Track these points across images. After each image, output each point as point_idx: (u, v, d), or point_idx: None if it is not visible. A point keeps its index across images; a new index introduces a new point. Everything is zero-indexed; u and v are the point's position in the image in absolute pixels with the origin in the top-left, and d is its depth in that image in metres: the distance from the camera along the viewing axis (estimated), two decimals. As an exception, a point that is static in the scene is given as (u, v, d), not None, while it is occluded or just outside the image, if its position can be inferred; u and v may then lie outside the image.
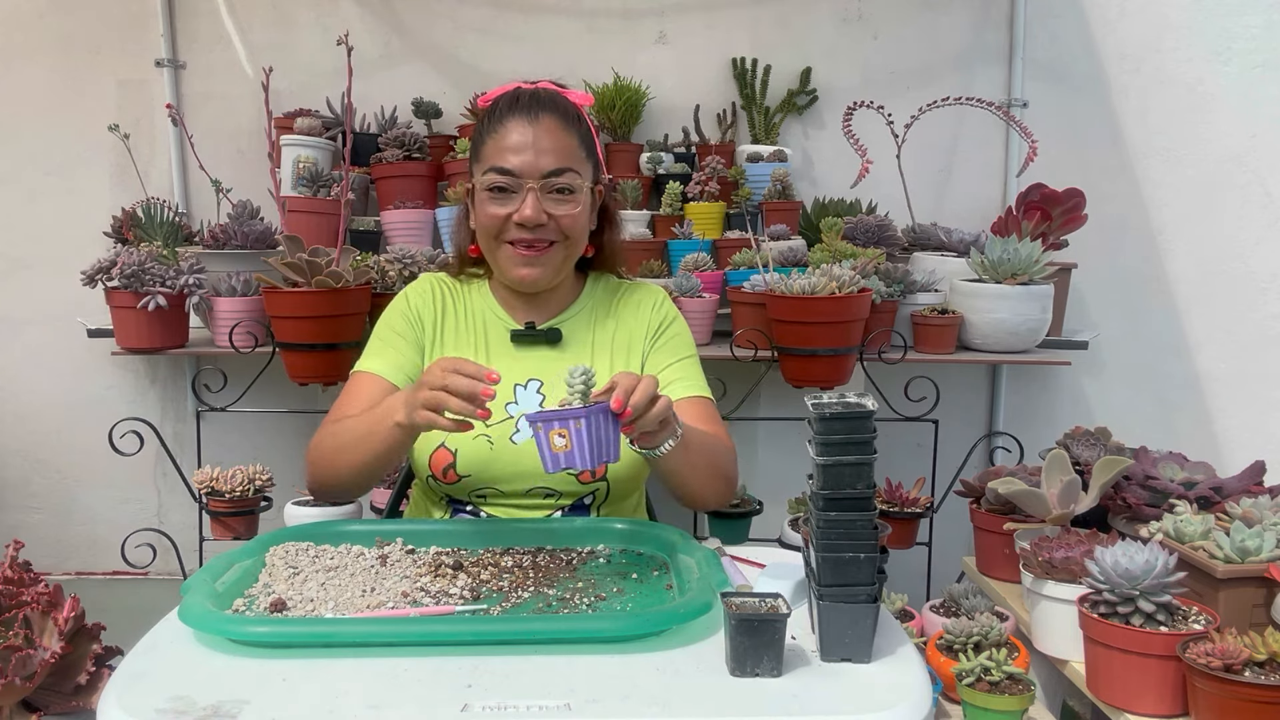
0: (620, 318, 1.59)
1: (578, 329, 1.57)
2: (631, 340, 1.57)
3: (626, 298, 1.62)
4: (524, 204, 1.44)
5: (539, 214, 1.44)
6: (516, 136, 1.45)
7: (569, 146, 1.47)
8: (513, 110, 1.46)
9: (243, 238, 2.28)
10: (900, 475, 2.22)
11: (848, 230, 2.34)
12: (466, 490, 1.48)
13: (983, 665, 1.37)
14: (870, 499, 1.04)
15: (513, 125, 1.45)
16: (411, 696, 0.93)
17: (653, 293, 1.64)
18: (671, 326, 1.60)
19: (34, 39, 2.54)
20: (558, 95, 1.50)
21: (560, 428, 1.15)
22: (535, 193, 1.44)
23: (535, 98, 1.47)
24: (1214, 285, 2.58)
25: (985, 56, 2.57)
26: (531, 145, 1.44)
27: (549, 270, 1.49)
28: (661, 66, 2.57)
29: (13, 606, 1.22)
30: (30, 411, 2.63)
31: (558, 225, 1.46)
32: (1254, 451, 2.01)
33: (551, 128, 1.45)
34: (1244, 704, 1.18)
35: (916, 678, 1.00)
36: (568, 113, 1.48)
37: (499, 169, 1.45)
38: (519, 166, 1.44)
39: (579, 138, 1.49)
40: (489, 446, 1.46)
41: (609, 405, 1.18)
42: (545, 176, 1.44)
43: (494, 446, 1.46)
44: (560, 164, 1.45)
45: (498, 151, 1.45)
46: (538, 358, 1.54)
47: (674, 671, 0.99)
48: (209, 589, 1.12)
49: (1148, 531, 1.56)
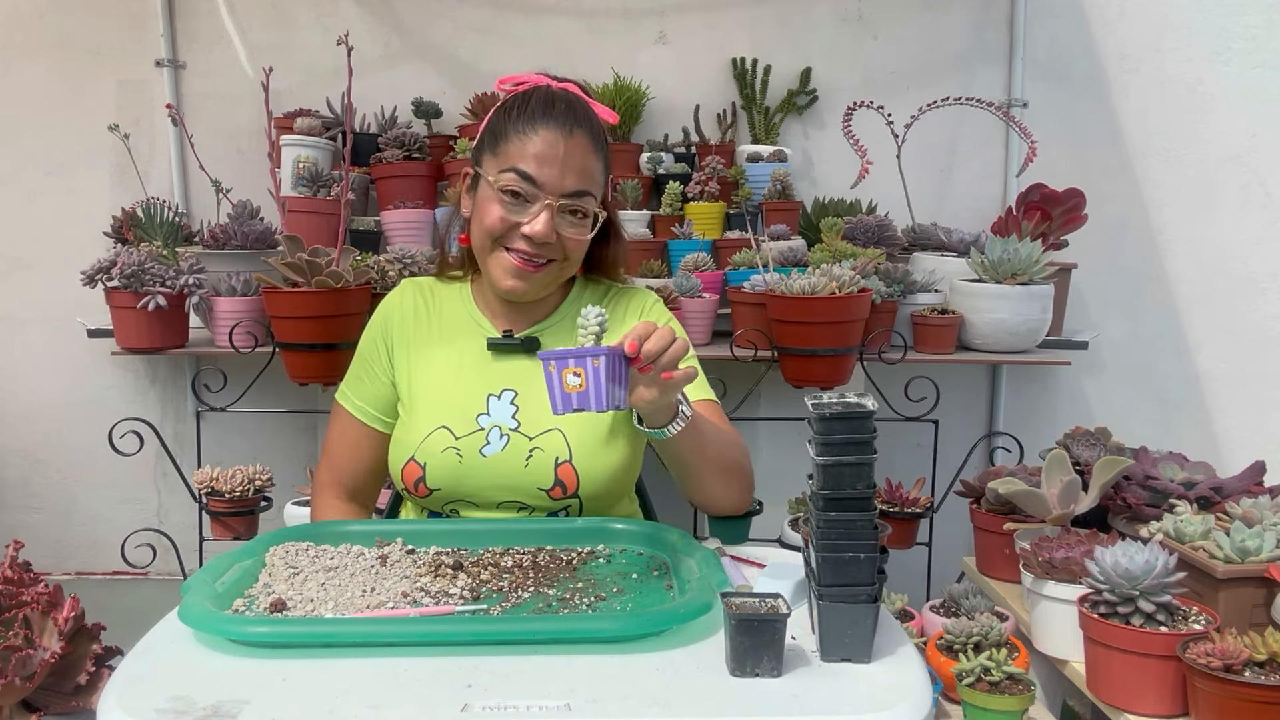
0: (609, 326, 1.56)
1: (558, 337, 1.52)
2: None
3: (614, 305, 1.56)
4: (537, 219, 1.38)
5: (550, 232, 1.38)
6: (546, 146, 1.37)
7: (593, 169, 1.41)
8: (548, 115, 1.38)
9: (243, 238, 2.28)
10: (900, 475, 2.22)
11: (848, 230, 2.34)
12: (439, 503, 1.46)
13: (983, 665, 1.37)
14: (870, 499, 1.04)
15: (545, 132, 1.37)
16: (411, 696, 0.93)
17: (641, 297, 1.58)
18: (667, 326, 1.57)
19: (34, 39, 2.54)
20: (590, 110, 1.43)
21: (576, 366, 1.11)
22: (552, 209, 1.38)
23: (571, 108, 1.40)
24: (1214, 285, 2.58)
25: (985, 56, 2.57)
26: (560, 159, 1.37)
27: (538, 286, 1.45)
28: (661, 66, 2.57)
29: (13, 606, 1.22)
30: (30, 411, 2.63)
31: (562, 245, 1.41)
32: (1254, 451, 2.01)
33: (583, 146, 1.39)
34: (1244, 704, 1.18)
35: (916, 678, 1.00)
36: (598, 133, 1.42)
37: (521, 173, 1.37)
38: (543, 178, 1.37)
39: (603, 161, 1.44)
40: (458, 460, 1.42)
41: (624, 349, 1.16)
42: (565, 196, 1.38)
43: (463, 460, 1.42)
44: (582, 185, 1.39)
45: (523, 154, 1.38)
46: (513, 367, 1.49)
47: (674, 671, 0.99)
48: (209, 589, 1.12)
49: (1148, 531, 1.56)
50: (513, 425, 1.44)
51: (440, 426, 1.45)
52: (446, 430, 1.44)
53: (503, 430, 1.44)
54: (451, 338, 1.53)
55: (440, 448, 1.43)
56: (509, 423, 1.45)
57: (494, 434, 1.44)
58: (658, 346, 1.18)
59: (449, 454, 1.43)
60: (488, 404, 1.46)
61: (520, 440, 1.43)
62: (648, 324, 1.20)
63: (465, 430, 1.44)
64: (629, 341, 1.16)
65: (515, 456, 1.43)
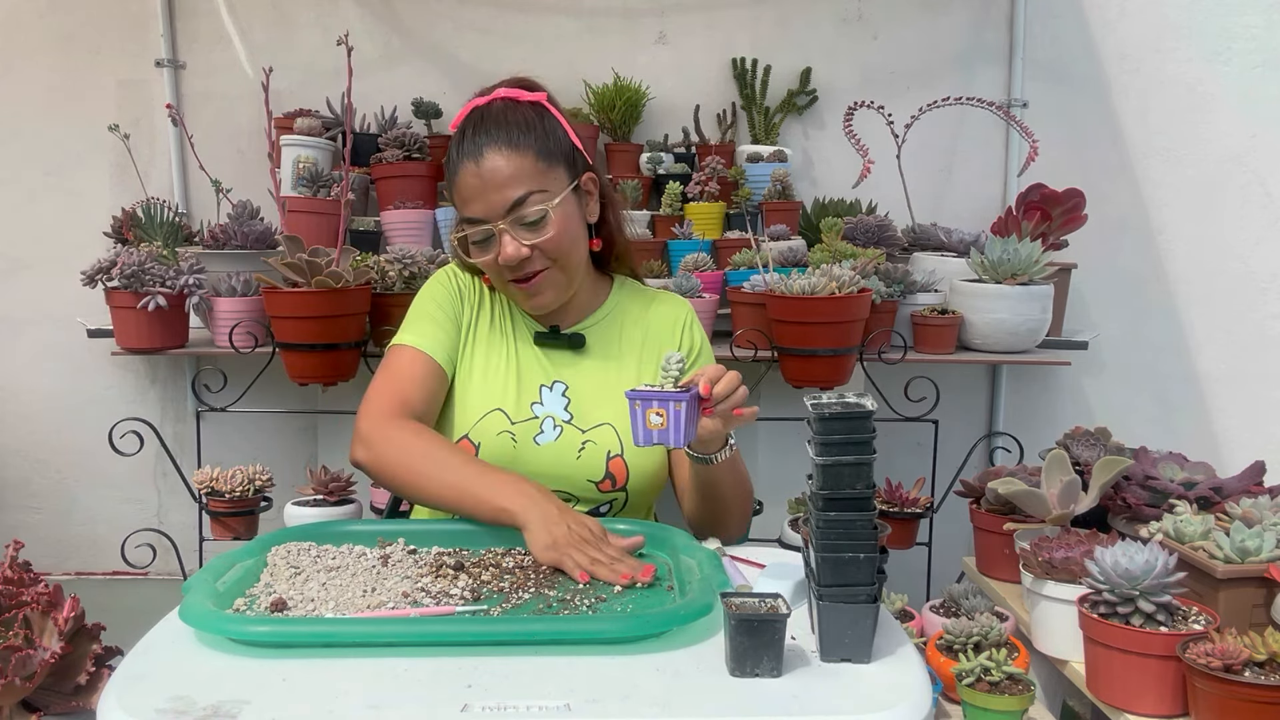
0: (648, 329, 1.57)
1: (602, 335, 1.55)
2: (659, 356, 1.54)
3: (656, 309, 1.59)
4: (501, 246, 1.39)
5: (518, 251, 1.39)
6: (469, 180, 1.38)
7: (522, 167, 1.38)
8: (460, 153, 1.40)
9: (243, 238, 2.28)
10: (900, 475, 2.22)
11: (848, 230, 2.34)
12: None
13: (983, 665, 1.37)
14: (870, 499, 1.04)
15: (463, 170, 1.39)
16: (411, 696, 0.93)
17: (679, 307, 1.62)
18: (703, 355, 1.60)
19: (34, 39, 2.54)
20: (504, 109, 1.40)
21: (660, 407, 1.23)
22: (506, 233, 1.38)
23: (477, 128, 1.39)
24: (1214, 285, 2.58)
25: (985, 56, 2.57)
26: (482, 187, 1.37)
27: (552, 293, 1.46)
28: (661, 66, 2.57)
29: (13, 606, 1.22)
30: (30, 411, 2.63)
31: (541, 252, 1.41)
32: (1254, 451, 2.01)
33: (496, 160, 1.37)
34: (1244, 704, 1.18)
35: (916, 678, 1.00)
36: (514, 128, 1.39)
37: (466, 219, 1.41)
38: (481, 212, 1.39)
39: (535, 150, 1.39)
40: (512, 445, 1.45)
41: (699, 391, 1.25)
42: (508, 212, 1.38)
43: (517, 445, 1.45)
44: (517, 192, 1.37)
45: (459, 197, 1.41)
46: (562, 361, 1.53)
47: (674, 672, 0.99)
48: (210, 588, 1.12)
49: (1148, 532, 1.56)
50: (565, 417, 1.48)
51: (495, 409, 1.47)
52: (502, 414, 1.46)
53: (556, 421, 1.47)
54: (506, 326, 1.55)
55: (496, 430, 1.44)
56: (562, 414, 1.48)
57: (548, 424, 1.47)
58: (726, 390, 1.28)
59: (504, 438, 1.45)
60: (541, 394, 1.49)
61: (573, 432, 1.47)
62: (718, 368, 1.29)
63: (521, 416, 1.47)
64: (703, 384, 1.25)
65: (569, 448, 1.46)
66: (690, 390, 1.25)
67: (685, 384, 1.27)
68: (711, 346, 2.22)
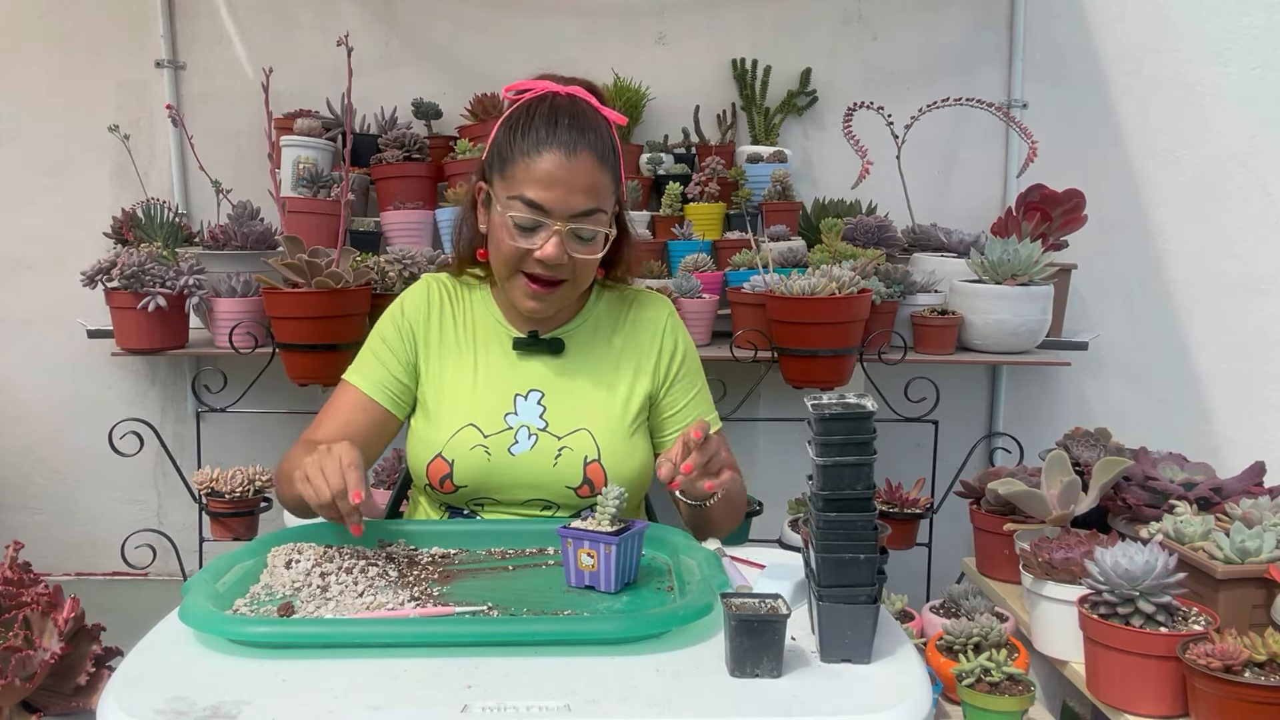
0: (630, 333, 1.54)
1: (582, 340, 1.53)
2: (641, 360, 1.52)
3: (636, 312, 1.56)
4: (547, 243, 1.36)
5: (561, 255, 1.37)
6: (551, 169, 1.35)
7: (602, 184, 1.38)
8: (551, 136, 1.36)
9: (243, 238, 2.28)
10: (900, 476, 2.22)
11: (848, 231, 2.34)
12: (464, 499, 1.47)
13: (983, 666, 1.37)
14: (870, 500, 1.04)
15: (548, 155, 1.35)
16: (411, 697, 0.93)
17: (661, 307, 1.58)
18: (686, 357, 1.56)
19: (34, 39, 2.54)
20: (598, 118, 1.40)
21: (590, 548, 1.17)
22: (561, 234, 1.36)
23: (575, 124, 1.37)
24: (1214, 286, 2.58)
25: (985, 57, 2.57)
26: (565, 182, 1.35)
27: (556, 304, 1.46)
28: (661, 67, 2.57)
29: (13, 607, 1.22)
30: (30, 412, 2.63)
31: (574, 265, 1.40)
32: (1254, 452, 2.01)
33: (588, 164, 1.36)
34: (1244, 704, 1.18)
35: (916, 678, 1.00)
36: (605, 142, 1.39)
37: (528, 201, 1.36)
38: (550, 204, 1.35)
39: (612, 171, 1.40)
40: (487, 458, 1.43)
41: (642, 529, 1.20)
42: (574, 218, 1.36)
43: (491, 458, 1.43)
44: (591, 204, 1.37)
45: (528, 179, 1.36)
46: (539, 367, 1.50)
47: (674, 672, 0.99)
48: (210, 589, 1.12)
49: (1148, 532, 1.56)
50: (540, 425, 1.46)
51: (468, 424, 1.45)
52: (474, 428, 1.45)
53: (531, 430, 1.46)
54: (476, 338, 1.53)
55: (469, 445, 1.43)
56: (537, 423, 1.46)
57: (522, 433, 1.45)
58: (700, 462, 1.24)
59: (478, 452, 1.44)
60: (515, 404, 1.48)
61: (549, 440, 1.45)
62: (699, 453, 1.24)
63: (493, 429, 1.45)
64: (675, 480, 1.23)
65: (544, 456, 1.44)
66: (630, 528, 1.18)
67: (625, 524, 1.19)
68: (711, 347, 2.25)
